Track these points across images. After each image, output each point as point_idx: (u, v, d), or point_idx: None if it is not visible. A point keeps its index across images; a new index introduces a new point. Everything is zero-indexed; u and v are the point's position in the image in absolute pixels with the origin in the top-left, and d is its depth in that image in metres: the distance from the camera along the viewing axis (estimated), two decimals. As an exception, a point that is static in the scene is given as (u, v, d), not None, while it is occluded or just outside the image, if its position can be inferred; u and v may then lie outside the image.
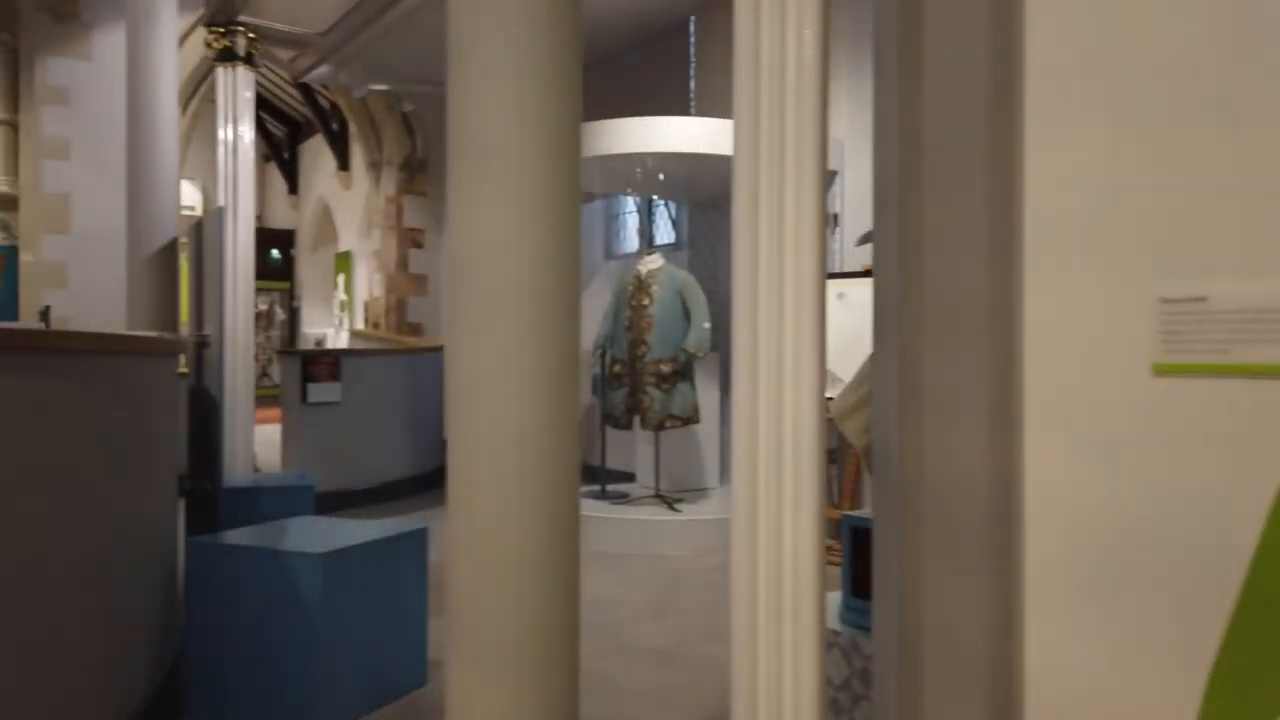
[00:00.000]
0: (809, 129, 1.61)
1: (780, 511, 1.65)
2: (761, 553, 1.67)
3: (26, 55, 8.96)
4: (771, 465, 1.65)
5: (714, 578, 5.19)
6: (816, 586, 1.66)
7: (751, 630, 1.68)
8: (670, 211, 8.32)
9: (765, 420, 1.65)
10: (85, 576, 2.61)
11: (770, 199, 1.63)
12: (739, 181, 1.66)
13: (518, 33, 1.75)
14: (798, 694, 1.67)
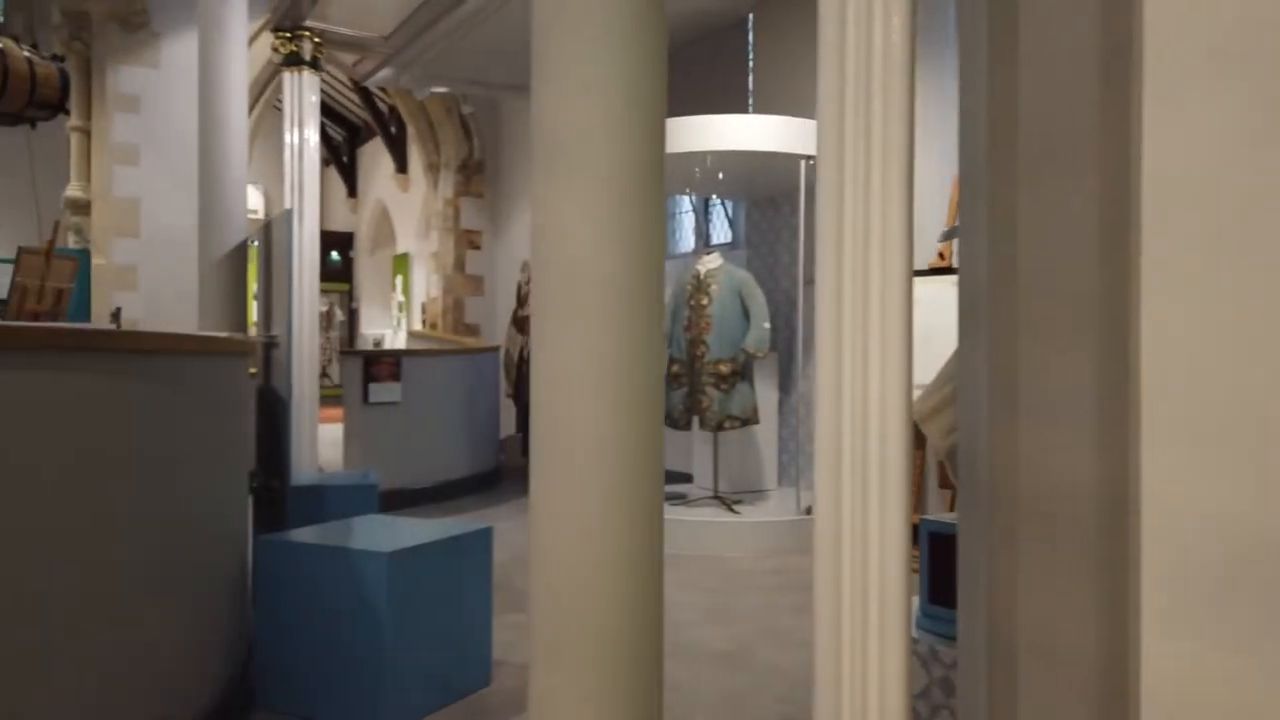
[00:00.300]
0: (897, 123, 1.56)
1: (866, 516, 1.60)
2: (846, 558, 1.62)
3: (98, 64, 9.21)
4: (857, 468, 1.60)
5: (774, 580, 5.13)
6: (903, 594, 1.61)
7: (835, 638, 1.63)
8: (727, 210, 8.25)
9: (850, 422, 1.60)
10: (162, 573, 2.65)
11: (856, 195, 1.58)
12: (823, 178, 1.61)
13: (604, 22, 1.72)
14: (884, 704, 1.62)
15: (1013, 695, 1.62)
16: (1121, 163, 1.20)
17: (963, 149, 1.77)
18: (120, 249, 9.20)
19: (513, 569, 5.31)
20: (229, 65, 5.38)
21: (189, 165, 6.13)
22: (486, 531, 3.60)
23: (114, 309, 8.84)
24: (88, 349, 2.33)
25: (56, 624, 2.18)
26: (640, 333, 1.77)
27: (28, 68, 5.92)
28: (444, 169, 11.57)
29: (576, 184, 1.77)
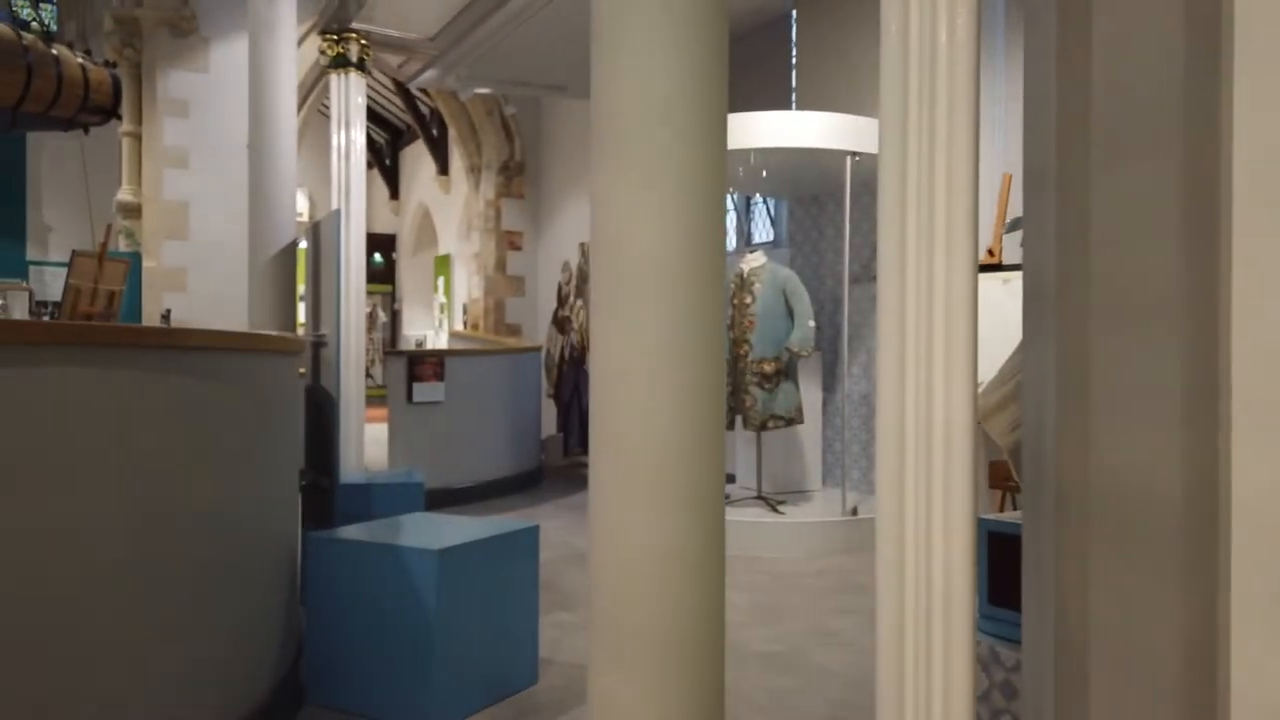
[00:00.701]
0: (963, 119, 1.52)
1: (930, 515, 1.56)
2: (910, 559, 1.58)
3: (149, 69, 9.40)
4: (920, 467, 1.56)
5: (820, 582, 5.07)
6: (969, 595, 1.57)
7: (898, 640, 1.59)
8: (769, 208, 8.20)
9: (913, 420, 1.57)
10: (215, 570, 2.68)
11: (920, 192, 1.55)
12: (886, 175, 1.57)
13: (665, 6, 1.70)
14: (948, 708, 1.58)
15: (1083, 698, 1.57)
16: (1208, 146, 1.16)
17: (1028, 140, 1.72)
18: (170, 251, 9.40)
19: (557, 568, 5.31)
20: (278, 68, 5.45)
21: (238, 168, 6.22)
22: (533, 530, 3.60)
23: (164, 310, 9.01)
24: (142, 346, 2.36)
25: (112, 621, 2.21)
26: (702, 324, 1.75)
27: (81, 74, 6.05)
28: (485, 170, 11.63)
29: (636, 174, 1.75)
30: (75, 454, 2.09)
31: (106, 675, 2.18)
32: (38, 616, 1.98)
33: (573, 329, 10.61)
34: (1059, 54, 1.57)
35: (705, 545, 1.75)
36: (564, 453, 10.30)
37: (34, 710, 1.97)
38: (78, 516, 2.09)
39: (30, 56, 5.55)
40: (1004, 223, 5.14)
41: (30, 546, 1.96)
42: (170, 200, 9.50)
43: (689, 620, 1.74)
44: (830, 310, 7.03)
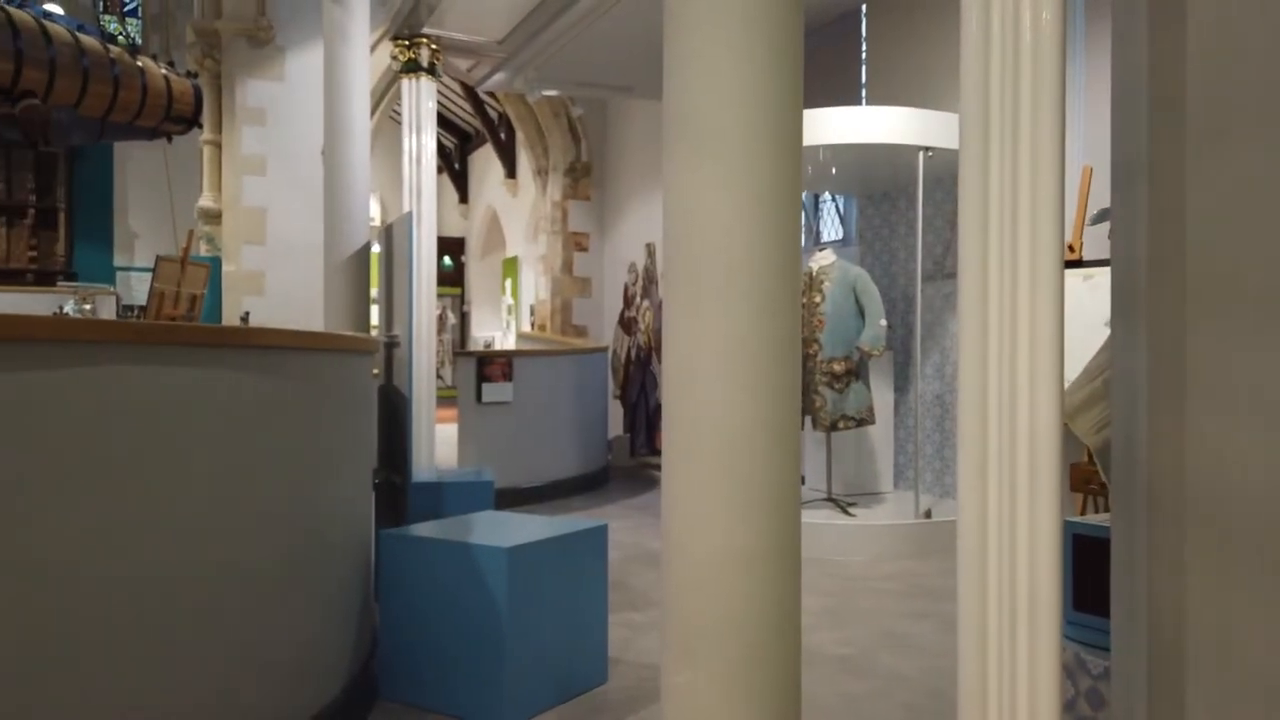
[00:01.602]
0: (1048, 113, 1.47)
1: (1014, 519, 1.51)
2: (992, 563, 1.53)
3: (228, 79, 9.68)
4: (1004, 468, 1.51)
5: (892, 585, 4.98)
6: (1055, 601, 1.51)
7: (980, 646, 1.54)
8: (838, 206, 8.09)
9: (996, 421, 1.51)
10: (293, 565, 2.73)
11: (1003, 188, 1.50)
12: (967, 171, 1.53)
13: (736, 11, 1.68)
14: (1033, 717, 1.52)
15: (1179, 706, 1.50)
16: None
17: (1116, 128, 1.65)
18: (249, 255, 9.66)
19: (626, 568, 5.32)
20: (351, 75, 5.57)
21: (313, 174, 6.37)
22: (601, 529, 3.60)
23: (243, 312, 9.28)
24: (224, 346, 2.42)
25: (195, 615, 2.27)
26: (776, 324, 1.72)
27: (164, 85, 6.27)
28: (552, 173, 11.72)
29: (709, 173, 1.73)
30: (162, 451, 2.15)
31: (190, 668, 2.24)
32: (126, 610, 2.04)
33: (639, 330, 10.62)
34: (1150, 35, 1.50)
35: (780, 546, 1.72)
36: (630, 453, 10.31)
37: (123, 702, 2.03)
38: (163, 512, 2.15)
39: (117, 69, 5.78)
40: (1085, 217, 4.98)
41: (120, 541, 2.02)
42: (249, 206, 9.78)
43: (764, 621, 1.71)
44: (902, 309, 6.90)
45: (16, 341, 1.78)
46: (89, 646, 1.93)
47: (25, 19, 5.16)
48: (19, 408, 1.78)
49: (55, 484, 1.85)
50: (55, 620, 1.86)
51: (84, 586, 1.93)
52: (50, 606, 1.84)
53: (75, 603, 1.90)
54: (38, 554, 1.81)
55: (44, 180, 14.63)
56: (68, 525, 1.88)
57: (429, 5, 6.81)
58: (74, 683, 1.90)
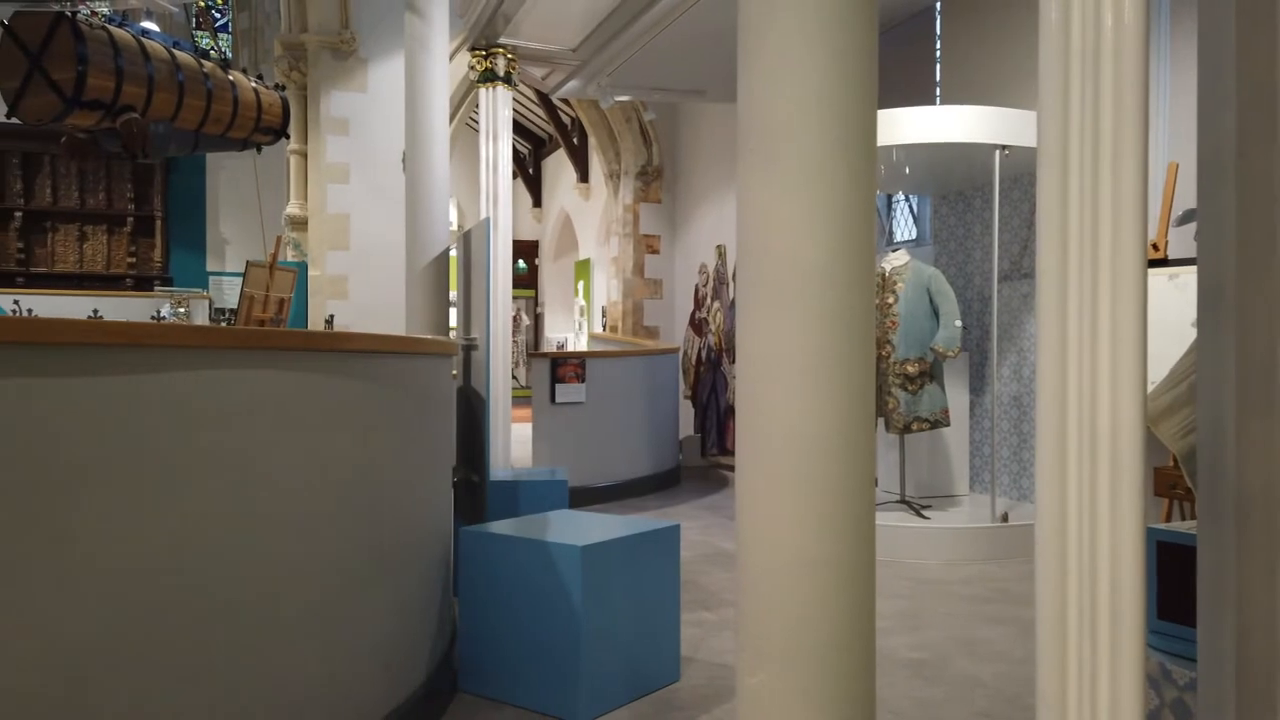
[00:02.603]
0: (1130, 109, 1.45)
1: (1095, 524, 1.50)
2: (1073, 569, 1.52)
3: (313, 90, 10.01)
4: (1084, 473, 1.50)
5: (967, 589, 4.90)
6: (1139, 609, 1.49)
7: (1060, 654, 1.53)
8: (912, 206, 7.98)
9: (1076, 424, 1.50)
10: (378, 561, 2.84)
11: (1083, 186, 1.48)
12: (1045, 169, 1.52)
13: (810, 11, 1.70)
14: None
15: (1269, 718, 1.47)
16: None
17: (1203, 125, 1.63)
18: (333, 260, 9.98)
19: (698, 567, 5.35)
20: (431, 86, 5.72)
21: (395, 181, 6.56)
22: (674, 529, 3.64)
23: (328, 316, 9.58)
24: (312, 349, 2.53)
25: (284, 609, 2.37)
26: (851, 324, 1.73)
27: (254, 97, 6.51)
28: (624, 176, 11.82)
29: (783, 175, 1.75)
30: (254, 451, 2.25)
31: (283, 658, 2.35)
32: (218, 604, 2.15)
33: (710, 331, 10.63)
34: (1238, 29, 1.48)
35: (854, 550, 1.73)
36: (701, 453, 10.33)
37: (225, 687, 2.14)
38: (256, 511, 2.26)
39: (210, 83, 6.02)
40: (1170, 215, 4.83)
41: (213, 538, 2.13)
42: (333, 213, 10.11)
43: (837, 625, 1.72)
44: (978, 309, 6.78)
45: (124, 346, 1.90)
46: (181, 639, 2.04)
47: (125, 37, 5.42)
48: (125, 409, 1.89)
49: (154, 483, 1.96)
50: (150, 614, 1.96)
51: (177, 582, 2.04)
52: (145, 601, 1.95)
53: (168, 597, 2.01)
54: (134, 550, 1.91)
55: (142, 190, 15.37)
56: (165, 522, 1.99)
57: (506, 16, 6.95)
58: (165, 675, 2.00)
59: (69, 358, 1.76)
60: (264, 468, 2.27)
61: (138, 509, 1.91)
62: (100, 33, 5.24)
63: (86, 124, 5.46)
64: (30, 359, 1.69)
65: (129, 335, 1.92)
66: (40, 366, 1.71)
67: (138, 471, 1.91)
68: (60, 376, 1.74)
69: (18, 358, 1.67)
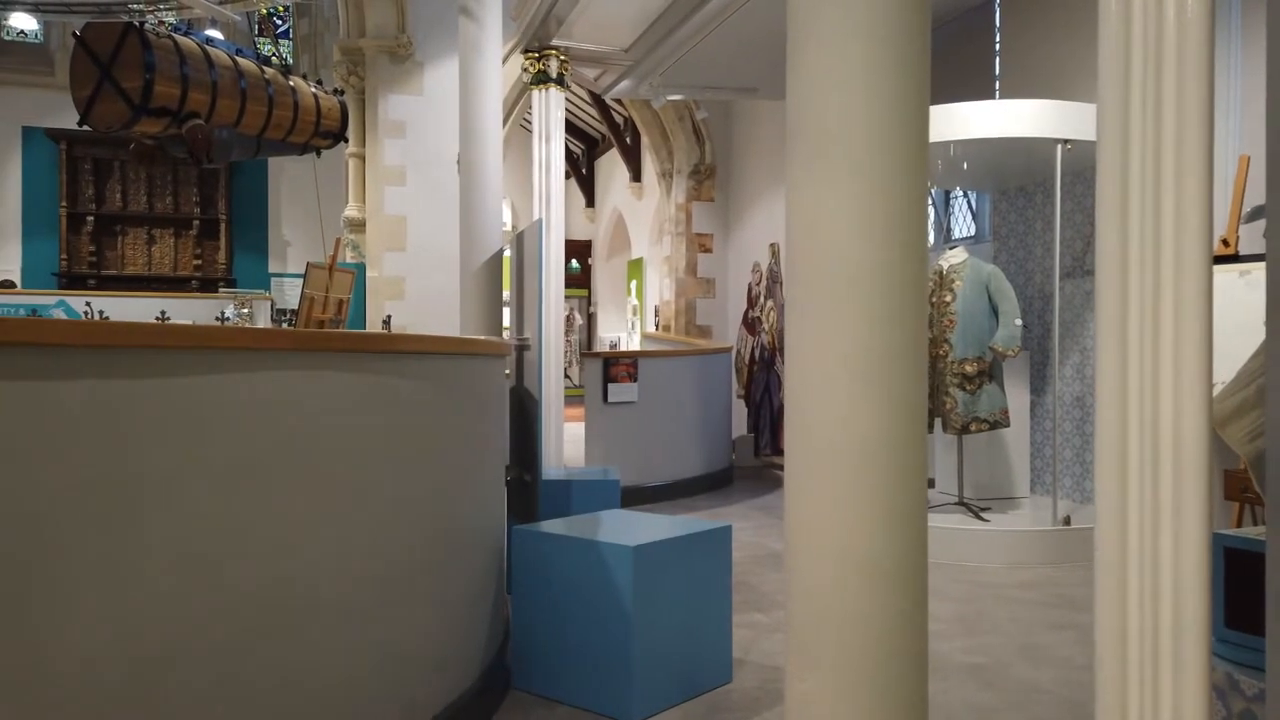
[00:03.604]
0: (1194, 100, 1.41)
1: (1157, 530, 1.46)
2: (1133, 576, 1.48)
3: (371, 94, 10.21)
4: (1146, 477, 1.46)
5: (1027, 594, 4.80)
6: (1204, 617, 1.45)
7: (1120, 663, 1.49)
8: (970, 202, 7.84)
9: (1137, 426, 1.47)
10: (433, 558, 2.88)
11: (1145, 180, 1.45)
12: (1105, 163, 1.49)
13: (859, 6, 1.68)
14: (1178, 735, 1.47)
15: (1342, 738, 1.42)
16: None
17: (1272, 120, 1.57)
18: (390, 262, 10.18)
19: (749, 568, 5.32)
20: (485, 88, 5.79)
21: (449, 183, 6.64)
22: (725, 530, 3.63)
23: (385, 316, 9.75)
24: (369, 351, 2.58)
25: (343, 604, 2.42)
26: (902, 327, 1.70)
27: (314, 102, 6.65)
28: (676, 175, 11.82)
29: (832, 173, 1.73)
30: (312, 451, 2.31)
31: (342, 653, 2.40)
32: (278, 599, 2.20)
33: (763, 330, 10.58)
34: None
35: (906, 554, 1.70)
36: (755, 453, 10.28)
37: (282, 681, 2.19)
38: (315, 510, 2.31)
39: (271, 89, 6.17)
40: (1241, 210, 4.67)
41: (277, 537, 2.18)
42: (390, 214, 10.31)
43: (889, 630, 1.70)
44: (1039, 307, 6.64)
45: (189, 349, 1.95)
46: (241, 634, 2.09)
47: (190, 45, 5.58)
48: (190, 410, 1.95)
49: (216, 481, 2.02)
50: (212, 609, 2.02)
51: (238, 578, 2.09)
52: (207, 596, 2.00)
53: (229, 593, 2.06)
54: (196, 547, 1.96)
55: (207, 194, 15.78)
56: (226, 521, 2.04)
57: (558, 18, 7.00)
58: (224, 668, 2.06)
59: (137, 360, 1.82)
60: (321, 467, 2.32)
61: (201, 507, 1.96)
62: (166, 41, 5.41)
63: (154, 131, 5.64)
64: (101, 361, 1.75)
65: (194, 338, 1.98)
66: (109, 369, 1.77)
67: (200, 470, 1.96)
68: (128, 378, 1.80)
69: (89, 360, 1.73)
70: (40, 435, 1.64)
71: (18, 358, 1.61)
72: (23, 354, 1.62)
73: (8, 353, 1.60)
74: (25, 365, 1.62)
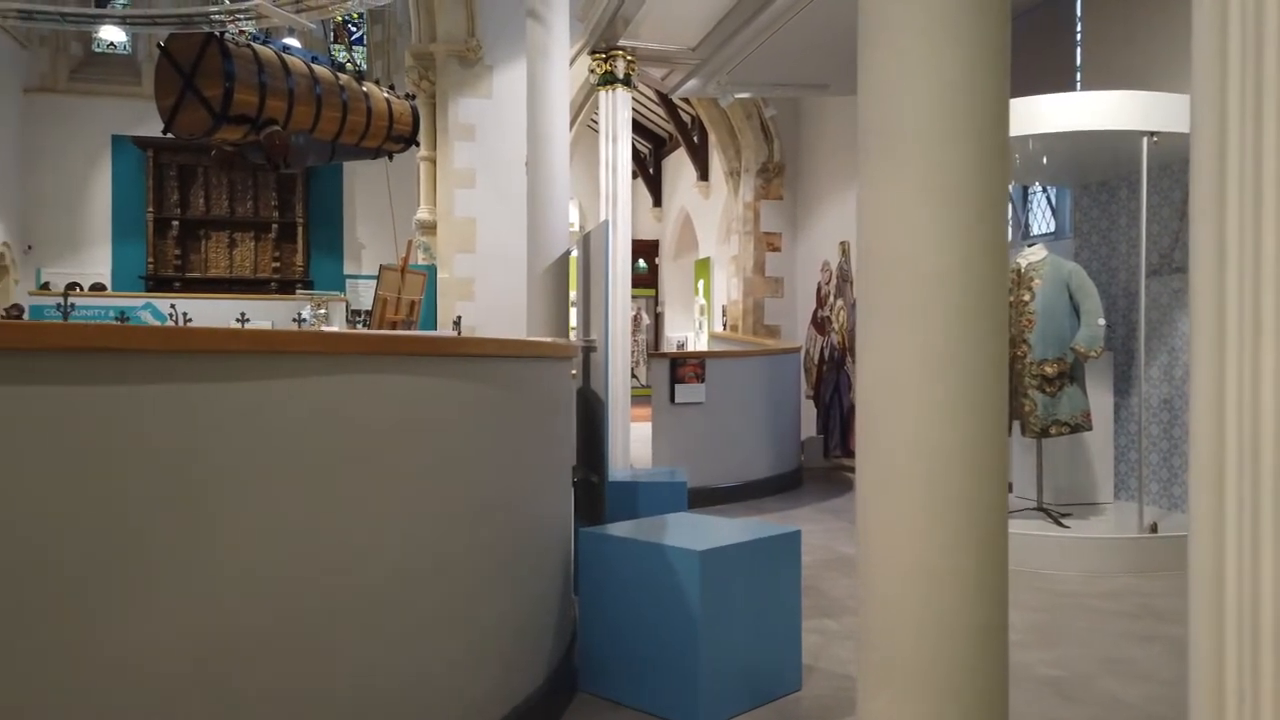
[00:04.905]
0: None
1: (1257, 542, 1.37)
2: (1231, 587, 1.39)
3: (441, 98, 10.38)
4: (1245, 485, 1.37)
5: (1110, 604, 4.62)
6: (1310, 637, 1.35)
7: (1217, 686, 1.41)
8: (1050, 198, 7.60)
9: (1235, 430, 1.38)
10: (501, 559, 2.89)
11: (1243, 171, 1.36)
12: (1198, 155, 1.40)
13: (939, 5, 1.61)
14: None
15: None
16: None
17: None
18: (460, 263, 10.34)
19: (819, 573, 5.24)
20: (551, 91, 5.82)
21: (518, 185, 6.69)
22: (795, 534, 3.57)
23: (455, 317, 9.89)
24: (438, 354, 2.60)
25: (414, 606, 2.44)
26: (979, 333, 1.63)
27: (386, 107, 6.78)
28: (744, 174, 11.73)
29: (907, 172, 1.67)
30: (383, 453, 2.33)
31: (410, 655, 2.41)
32: (352, 601, 2.22)
33: (833, 329, 10.43)
34: None
35: (985, 566, 1.63)
36: (824, 455, 10.14)
37: (352, 683, 2.22)
38: (385, 512, 2.33)
39: (345, 95, 6.30)
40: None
41: (349, 539, 2.21)
42: (460, 217, 10.48)
43: (967, 644, 1.63)
44: (1123, 306, 6.40)
45: (262, 354, 1.99)
46: (313, 635, 2.12)
47: (268, 54, 5.73)
48: (263, 414, 1.98)
49: (289, 484, 2.05)
50: (284, 610, 2.05)
51: (310, 579, 2.12)
52: (280, 598, 2.04)
53: (302, 595, 2.09)
54: (269, 549, 1.99)
55: (286, 198, 16.25)
56: (300, 523, 2.07)
57: (625, 18, 6.99)
58: (297, 669, 2.09)
59: (211, 365, 1.85)
60: (392, 469, 2.34)
61: (273, 508, 1.99)
62: (245, 50, 5.56)
63: (234, 138, 5.80)
64: (175, 367, 1.79)
65: (267, 343, 2.01)
66: (185, 373, 1.80)
67: (273, 472, 1.99)
68: (202, 382, 1.84)
69: (164, 366, 1.77)
70: (121, 438, 1.68)
71: (98, 363, 1.65)
72: (104, 360, 1.66)
73: (90, 359, 1.64)
74: (106, 370, 1.66)
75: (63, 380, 1.60)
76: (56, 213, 15.18)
